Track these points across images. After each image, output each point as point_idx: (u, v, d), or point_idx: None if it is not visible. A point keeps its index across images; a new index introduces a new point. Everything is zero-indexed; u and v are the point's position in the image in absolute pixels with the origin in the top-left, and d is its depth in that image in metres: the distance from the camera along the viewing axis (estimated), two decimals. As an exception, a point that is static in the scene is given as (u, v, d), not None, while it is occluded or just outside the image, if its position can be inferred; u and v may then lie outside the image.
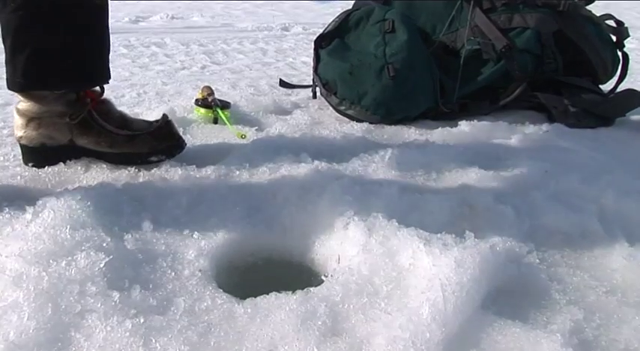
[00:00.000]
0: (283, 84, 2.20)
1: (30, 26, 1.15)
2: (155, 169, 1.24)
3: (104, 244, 0.88)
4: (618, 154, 1.50)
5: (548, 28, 1.82)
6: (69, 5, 1.16)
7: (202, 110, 1.68)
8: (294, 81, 2.28)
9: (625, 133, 1.74)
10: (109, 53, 1.28)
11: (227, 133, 1.53)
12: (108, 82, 1.29)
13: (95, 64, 1.25)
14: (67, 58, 1.19)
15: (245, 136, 1.47)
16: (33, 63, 1.17)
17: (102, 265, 0.83)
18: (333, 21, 1.90)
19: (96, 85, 1.28)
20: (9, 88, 1.21)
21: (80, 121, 1.24)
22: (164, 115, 1.33)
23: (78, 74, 1.22)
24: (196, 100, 1.72)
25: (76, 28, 1.18)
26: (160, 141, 1.28)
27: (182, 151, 1.32)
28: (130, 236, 0.93)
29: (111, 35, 1.26)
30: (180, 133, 1.36)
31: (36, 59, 1.17)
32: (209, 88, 1.78)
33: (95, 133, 1.26)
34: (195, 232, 0.97)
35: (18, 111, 1.24)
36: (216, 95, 1.75)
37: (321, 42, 1.88)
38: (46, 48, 1.17)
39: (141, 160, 1.27)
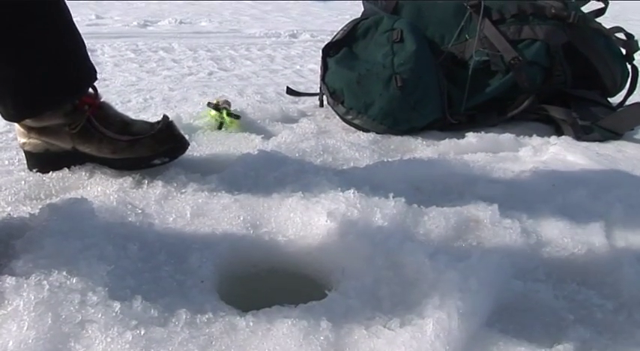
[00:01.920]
0: (290, 92, 2.20)
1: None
2: (159, 176, 1.23)
3: (106, 253, 0.87)
4: (626, 168, 1.48)
5: (558, 40, 1.82)
6: (21, 34, 1.10)
7: (212, 112, 1.69)
8: (302, 89, 2.28)
9: (633, 146, 1.73)
10: (85, 49, 1.23)
11: (232, 141, 1.53)
12: (96, 78, 1.26)
13: (79, 69, 1.22)
14: (48, 79, 1.15)
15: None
16: (16, 101, 1.15)
17: (103, 275, 0.82)
18: (341, 29, 1.90)
19: (87, 88, 1.24)
20: (5, 119, 1.19)
21: (80, 129, 1.22)
22: (164, 117, 1.31)
23: (66, 88, 1.19)
24: (209, 102, 1.74)
25: (43, 46, 1.13)
26: (161, 143, 1.27)
27: (185, 152, 1.31)
28: (132, 245, 0.92)
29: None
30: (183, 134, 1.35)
31: (20, 96, 1.14)
32: (226, 101, 1.78)
33: (96, 140, 1.24)
34: (198, 242, 0.96)
35: None
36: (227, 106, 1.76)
37: (329, 50, 1.87)
38: (23, 82, 1.13)
39: (144, 164, 1.25)
